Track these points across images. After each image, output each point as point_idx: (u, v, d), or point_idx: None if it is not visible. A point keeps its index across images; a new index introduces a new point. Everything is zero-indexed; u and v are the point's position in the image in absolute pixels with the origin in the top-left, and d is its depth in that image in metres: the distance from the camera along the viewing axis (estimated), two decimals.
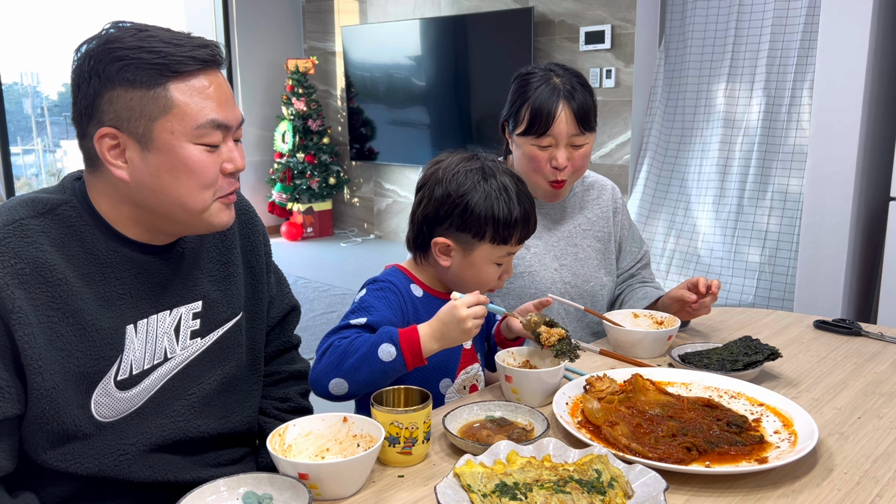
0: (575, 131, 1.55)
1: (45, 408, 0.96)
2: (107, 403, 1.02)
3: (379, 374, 1.13)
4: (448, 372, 1.33)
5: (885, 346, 1.52)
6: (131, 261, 1.04)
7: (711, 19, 3.98)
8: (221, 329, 1.16)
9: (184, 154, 0.98)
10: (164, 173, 0.98)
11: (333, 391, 1.15)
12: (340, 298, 4.57)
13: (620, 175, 4.38)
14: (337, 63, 6.27)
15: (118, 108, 0.96)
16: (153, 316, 1.07)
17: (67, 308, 0.98)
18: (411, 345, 1.13)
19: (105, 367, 1.01)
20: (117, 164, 0.98)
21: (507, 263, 1.31)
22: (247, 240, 1.23)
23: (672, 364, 1.39)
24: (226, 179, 1.03)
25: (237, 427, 1.20)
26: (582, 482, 0.90)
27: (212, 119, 0.99)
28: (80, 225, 1.01)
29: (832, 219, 2.87)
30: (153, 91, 0.95)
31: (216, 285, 1.15)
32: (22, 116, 5.70)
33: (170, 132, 0.97)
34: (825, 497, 0.94)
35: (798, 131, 3.67)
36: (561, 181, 1.59)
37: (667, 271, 3.97)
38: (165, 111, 0.96)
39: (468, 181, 1.25)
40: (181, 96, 0.97)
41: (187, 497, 0.86)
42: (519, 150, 1.60)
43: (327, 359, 1.15)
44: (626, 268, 1.80)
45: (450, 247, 1.27)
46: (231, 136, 1.03)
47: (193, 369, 1.12)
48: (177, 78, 0.96)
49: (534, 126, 1.55)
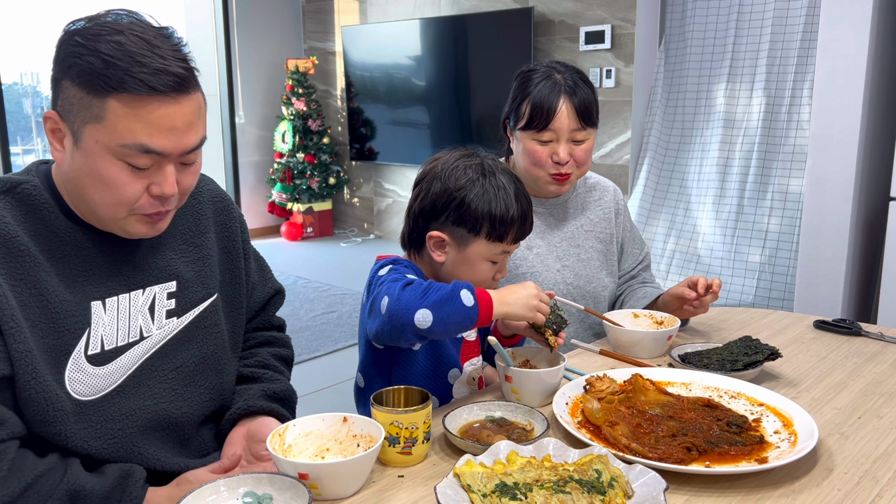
0: (576, 126, 1.55)
1: (23, 371, 0.97)
2: (81, 380, 1.03)
3: (458, 316, 1.11)
4: (455, 362, 1.33)
5: (885, 346, 1.52)
6: (91, 239, 1.05)
7: (711, 19, 3.98)
8: (197, 309, 1.17)
9: (102, 165, 0.97)
10: (84, 175, 0.99)
11: (419, 322, 1.10)
12: (340, 298, 4.57)
13: (620, 175, 4.38)
14: (337, 63, 6.27)
15: (65, 98, 0.97)
16: (124, 294, 1.08)
17: (30, 279, 0.99)
18: (484, 299, 1.14)
19: (72, 340, 1.02)
20: (56, 146, 1.00)
21: (502, 263, 1.31)
22: (222, 225, 1.24)
23: (672, 364, 1.39)
24: (149, 200, 1.01)
25: (220, 411, 1.21)
26: (582, 482, 0.90)
27: (140, 143, 0.96)
28: (39, 203, 1.03)
29: (832, 219, 2.87)
30: (91, 97, 0.94)
31: (189, 266, 1.17)
32: (22, 116, 5.70)
33: (94, 140, 0.96)
34: (825, 497, 0.94)
35: (798, 131, 3.67)
36: (564, 174, 1.59)
37: (667, 271, 3.97)
38: (97, 120, 0.95)
39: (466, 176, 1.25)
40: (115, 113, 0.94)
41: (187, 497, 0.86)
42: (520, 145, 1.61)
43: (411, 291, 1.12)
44: (627, 269, 1.80)
45: (444, 241, 1.27)
46: (170, 161, 1.00)
47: (172, 348, 1.13)
48: (118, 94, 0.93)
49: (534, 120, 1.55)
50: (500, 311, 1.15)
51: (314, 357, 3.55)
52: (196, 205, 1.21)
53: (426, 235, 1.28)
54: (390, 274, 1.21)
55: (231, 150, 6.26)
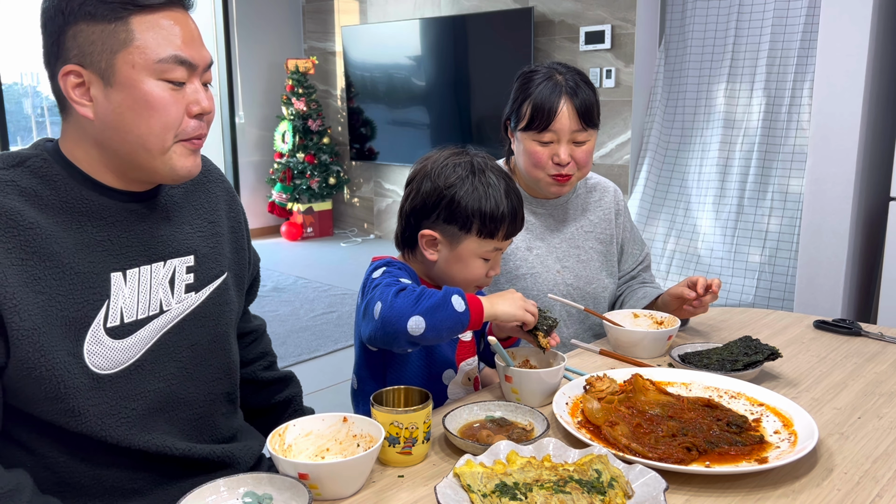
0: (577, 127, 1.55)
1: (28, 350, 0.94)
2: (100, 353, 1.01)
3: (450, 321, 1.12)
4: (450, 363, 1.33)
5: (885, 346, 1.52)
6: (108, 207, 1.03)
7: (711, 19, 3.98)
8: (212, 285, 1.16)
9: (145, 90, 0.96)
10: (125, 110, 0.97)
11: (412, 330, 1.11)
12: (340, 298, 4.57)
13: (620, 175, 4.38)
14: (337, 63, 6.27)
15: (81, 42, 0.95)
16: (146, 266, 1.06)
17: (42, 252, 0.96)
18: (474, 303, 1.15)
19: (91, 312, 0.99)
20: (82, 102, 0.97)
21: (495, 260, 1.30)
22: (228, 204, 1.24)
23: (672, 364, 1.39)
24: (191, 121, 1.01)
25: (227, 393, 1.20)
26: (582, 482, 0.90)
27: (174, 55, 0.97)
28: (51, 175, 1.00)
29: (832, 219, 2.87)
30: (114, 24, 0.94)
31: (205, 241, 1.16)
32: (22, 116, 5.70)
33: (131, 65, 0.95)
34: (825, 497, 0.94)
35: (798, 131, 3.67)
36: (565, 175, 1.59)
37: (667, 272, 3.97)
38: (126, 44, 0.95)
39: (456, 174, 1.25)
40: (142, 30, 0.95)
41: (187, 497, 0.86)
42: (520, 146, 1.61)
43: (403, 297, 1.12)
44: (627, 270, 1.80)
45: (436, 239, 1.27)
46: (198, 76, 1.02)
47: (189, 324, 1.12)
48: (139, 12, 0.95)
49: (535, 121, 1.55)
50: (490, 312, 1.16)
51: (314, 357, 3.55)
52: (206, 182, 1.20)
53: (418, 234, 1.28)
54: (384, 277, 1.21)
55: (231, 150, 6.26)
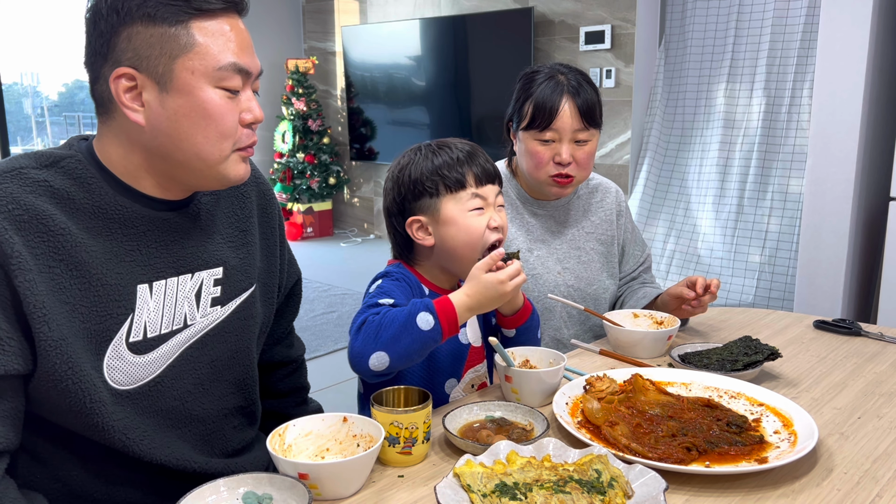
0: (578, 126, 1.55)
1: (56, 361, 0.91)
2: (120, 368, 0.98)
3: (418, 343, 1.10)
4: (454, 372, 1.32)
5: (885, 346, 1.51)
6: (141, 216, 1.00)
7: (711, 19, 3.98)
8: (239, 298, 1.12)
9: (204, 97, 0.94)
10: (182, 118, 0.95)
11: (374, 367, 1.10)
12: (340, 298, 4.57)
13: (620, 175, 4.38)
14: (337, 63, 6.27)
15: (137, 45, 0.92)
16: (172, 278, 1.03)
17: (70, 260, 0.93)
18: (447, 314, 1.12)
19: (114, 325, 0.96)
20: (133, 106, 0.94)
21: (488, 210, 1.27)
22: (263, 211, 1.20)
23: (672, 364, 1.39)
24: (244, 130, 1.00)
25: (242, 407, 1.18)
26: (582, 482, 0.90)
27: (233, 62, 0.96)
28: (86, 177, 0.96)
29: (832, 219, 2.87)
30: (174, 28, 0.92)
31: (235, 252, 1.12)
32: (22, 116, 5.70)
33: (190, 72, 0.93)
34: (825, 497, 0.94)
35: (798, 131, 3.67)
36: (566, 176, 1.58)
37: (667, 271, 3.97)
38: (187, 49, 0.93)
39: (407, 157, 1.30)
40: (202, 36, 0.94)
41: (187, 497, 0.86)
42: (522, 146, 1.61)
43: (363, 334, 1.11)
44: (628, 271, 1.80)
45: (421, 221, 1.27)
46: (250, 84, 1.00)
47: (211, 339, 1.09)
48: (198, 17, 0.93)
49: (537, 120, 1.55)
50: (465, 315, 1.15)
51: (314, 357, 3.55)
52: (240, 186, 1.15)
53: (406, 229, 1.28)
54: (372, 297, 1.21)
55: None
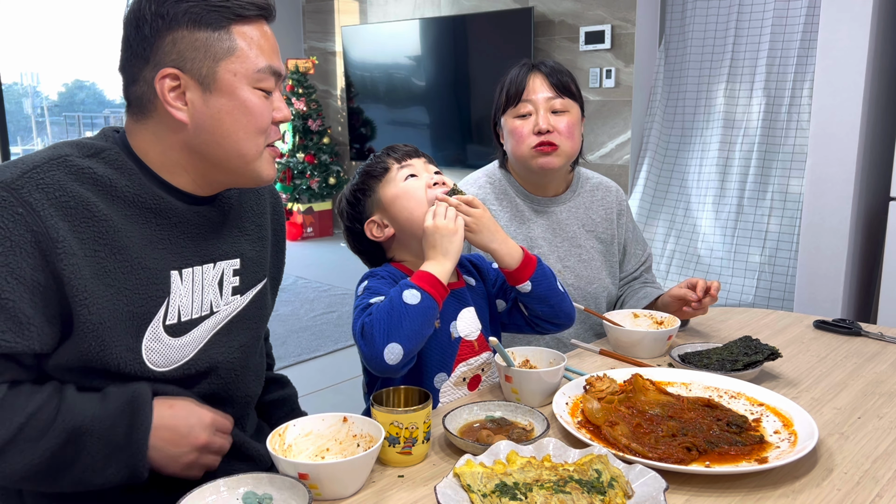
0: (551, 94, 1.59)
1: (91, 344, 0.96)
2: (158, 349, 1.03)
3: (418, 319, 1.13)
4: (444, 366, 1.32)
5: (885, 346, 1.52)
6: (173, 208, 1.05)
7: (711, 19, 3.98)
8: (255, 289, 1.18)
9: (244, 97, 1.01)
10: (224, 115, 1.01)
11: (392, 361, 1.12)
12: (340, 298, 4.57)
13: (620, 175, 4.38)
14: (337, 63, 6.27)
15: (182, 48, 0.98)
16: (198, 267, 1.08)
17: (114, 244, 0.98)
18: (426, 279, 1.16)
19: (153, 308, 1.02)
20: (177, 105, 1.00)
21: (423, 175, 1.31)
22: (274, 209, 1.27)
23: (672, 364, 1.39)
24: (273, 127, 1.07)
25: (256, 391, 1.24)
26: (582, 482, 0.90)
27: (269, 65, 1.03)
28: (126, 168, 1.02)
29: (832, 219, 2.87)
30: (218, 33, 0.99)
31: (251, 245, 1.18)
32: (22, 116, 5.70)
33: (233, 73, 1.00)
34: (825, 497, 0.94)
35: (798, 131, 3.67)
36: (549, 144, 1.59)
37: (667, 272, 3.97)
38: (230, 53, 1.00)
39: (355, 176, 1.37)
40: (242, 40, 1.01)
41: (187, 497, 0.86)
42: (505, 131, 1.64)
43: (367, 337, 1.14)
44: (630, 271, 1.80)
45: (374, 220, 1.32)
46: (278, 86, 1.07)
47: (235, 326, 1.14)
48: (238, 22, 1.00)
49: (510, 98, 1.62)
50: (443, 271, 1.18)
51: (314, 357, 3.55)
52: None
53: (370, 239, 1.34)
54: (362, 298, 1.23)
55: None
